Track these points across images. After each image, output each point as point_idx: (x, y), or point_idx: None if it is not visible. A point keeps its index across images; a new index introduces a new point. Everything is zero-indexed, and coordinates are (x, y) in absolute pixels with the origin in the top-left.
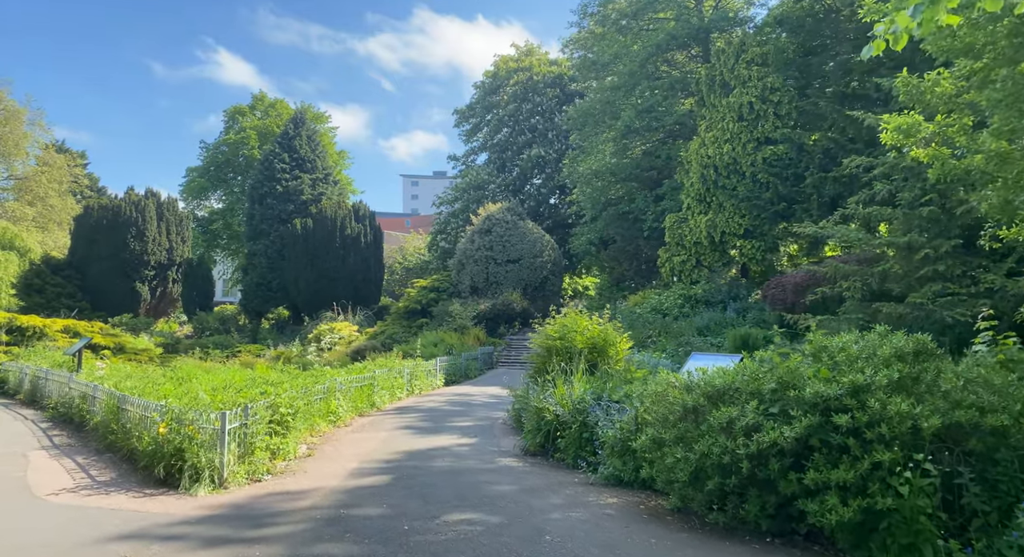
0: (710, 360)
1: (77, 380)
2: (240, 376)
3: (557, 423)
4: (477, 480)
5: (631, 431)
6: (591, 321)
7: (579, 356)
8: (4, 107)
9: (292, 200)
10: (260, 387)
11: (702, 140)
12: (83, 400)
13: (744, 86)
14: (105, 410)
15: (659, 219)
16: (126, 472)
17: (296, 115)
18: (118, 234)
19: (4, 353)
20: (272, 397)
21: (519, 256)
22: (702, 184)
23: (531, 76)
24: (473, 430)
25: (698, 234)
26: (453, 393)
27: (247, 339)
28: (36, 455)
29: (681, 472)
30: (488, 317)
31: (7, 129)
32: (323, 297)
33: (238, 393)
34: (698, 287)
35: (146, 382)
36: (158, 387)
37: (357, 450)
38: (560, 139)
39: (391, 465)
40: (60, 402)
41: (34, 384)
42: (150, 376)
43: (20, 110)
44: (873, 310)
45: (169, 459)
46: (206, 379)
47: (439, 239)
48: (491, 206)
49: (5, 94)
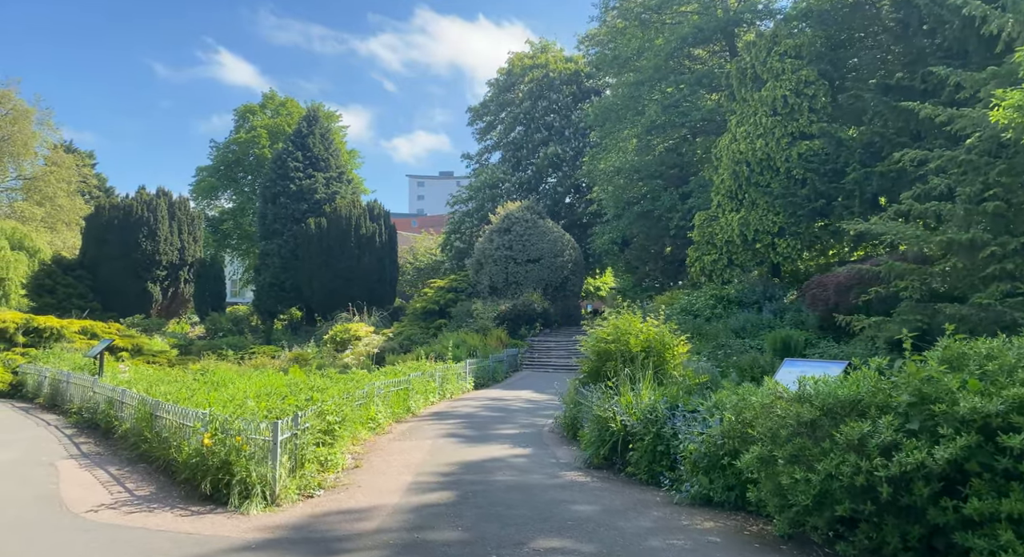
0: (806, 367)
1: (102, 384)
2: (278, 381)
3: (624, 434)
4: (550, 498)
5: (717, 445)
6: (646, 323)
7: (635, 360)
8: (13, 107)
9: (306, 199)
10: (305, 393)
11: (733, 135)
12: (110, 405)
13: (777, 80)
14: (136, 417)
15: (686, 217)
16: (165, 485)
17: (309, 113)
18: (130, 234)
19: (21, 355)
20: (319, 404)
21: (539, 256)
22: (733, 181)
23: (547, 73)
24: (521, 439)
25: (730, 232)
26: (486, 397)
27: (261, 340)
28: (65, 465)
29: (802, 495)
30: (509, 318)
31: (16, 128)
32: (338, 298)
33: (283, 400)
34: (730, 287)
35: (179, 387)
36: (194, 393)
37: (406, 461)
38: (577, 137)
39: (450, 479)
40: (84, 407)
41: (54, 387)
42: (180, 380)
43: (29, 110)
44: (933, 311)
45: (215, 473)
46: (242, 384)
47: (453, 239)
48: (510, 205)
49: (13, 93)
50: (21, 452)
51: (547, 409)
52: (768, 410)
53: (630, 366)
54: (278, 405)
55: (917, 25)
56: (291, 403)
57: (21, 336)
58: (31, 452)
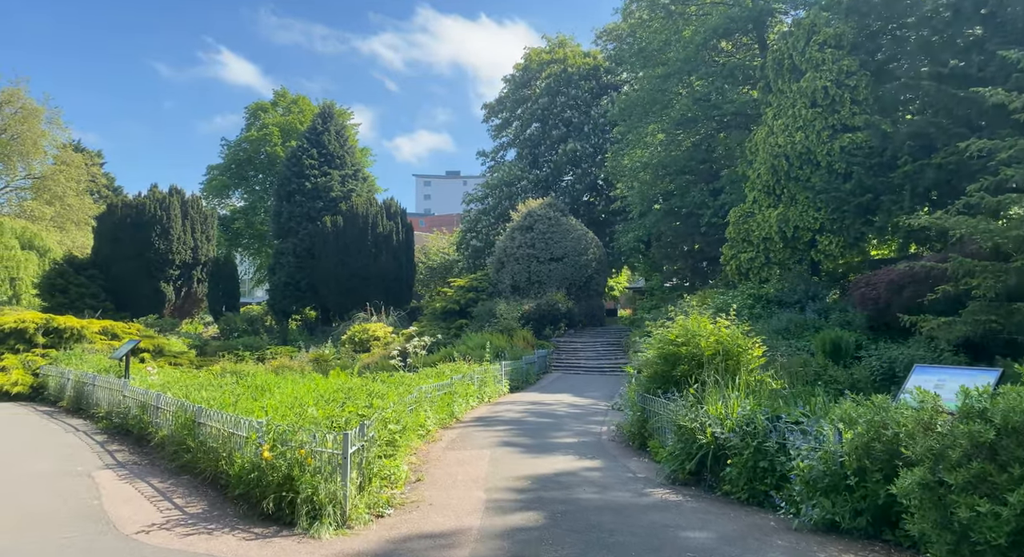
0: (944, 375)
1: (132, 388)
2: (327, 385)
3: (714, 447)
4: (650, 522)
5: (838, 463)
6: (717, 323)
7: (708, 365)
8: (22, 105)
9: (321, 197)
10: (362, 399)
11: (770, 128)
12: (143, 411)
13: (817, 70)
14: (176, 425)
15: (718, 214)
16: (216, 501)
17: (324, 109)
18: (142, 233)
19: (41, 356)
20: (379, 411)
21: (563, 254)
22: (771, 175)
23: (565, 67)
24: (583, 448)
25: (767, 229)
26: (525, 401)
27: (277, 341)
28: (103, 476)
29: (991, 532)
30: (533, 318)
31: (25, 127)
32: (354, 297)
33: (341, 407)
34: (769, 286)
35: (221, 392)
36: (238, 399)
37: (471, 473)
38: (596, 133)
39: (528, 496)
40: (114, 412)
41: (78, 390)
42: (215, 384)
43: (38, 109)
44: (1008, 310)
45: (276, 490)
46: (288, 388)
47: (468, 237)
48: (532, 202)
49: (23, 92)
50: (54, 461)
51: (595, 414)
52: (926, 427)
53: (701, 371)
54: (336, 413)
55: (972, 10)
56: (351, 410)
57: (41, 337)
58: (64, 461)
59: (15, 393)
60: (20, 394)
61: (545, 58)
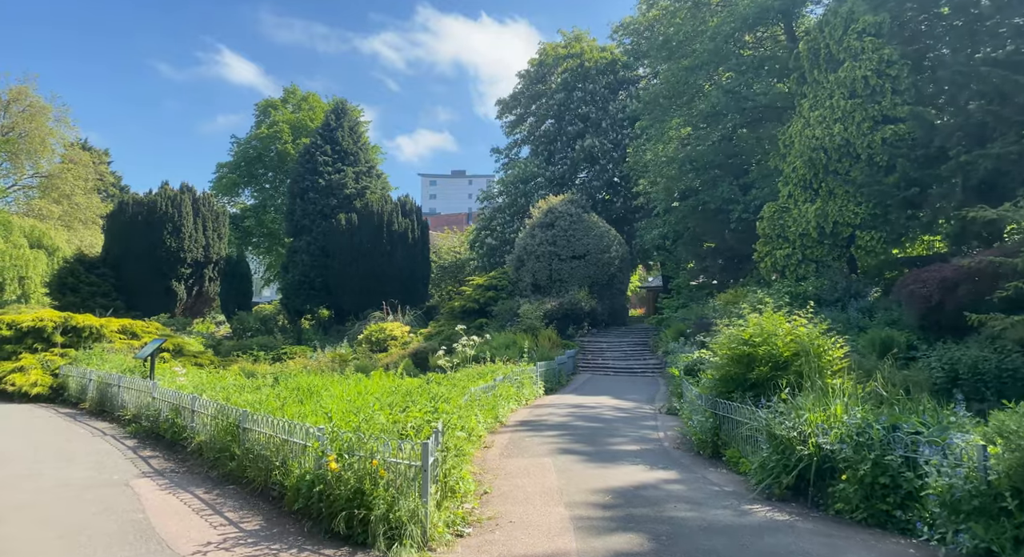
0: None
1: (163, 390)
2: (375, 387)
3: (818, 458)
4: (772, 548)
5: (987, 483)
6: (793, 321)
7: (787, 367)
8: (30, 103)
9: (335, 194)
10: (427, 402)
11: (806, 120)
12: (176, 414)
13: (856, 59)
14: (217, 430)
15: (748, 209)
16: (272, 516)
17: (337, 106)
18: (154, 231)
19: (60, 356)
20: (445, 416)
21: (585, 252)
22: (808, 169)
23: (582, 62)
24: (650, 457)
25: (804, 225)
26: (565, 404)
27: (291, 340)
28: (142, 486)
29: None
30: (556, 317)
31: (33, 126)
32: (369, 296)
33: (404, 412)
34: (807, 284)
35: (265, 395)
36: (284, 402)
37: (541, 485)
38: (615, 128)
39: (617, 514)
40: (142, 415)
41: (102, 392)
42: (249, 385)
43: (45, 107)
44: None
45: (346, 505)
46: (338, 391)
47: (483, 235)
48: (553, 198)
49: (30, 90)
50: (87, 469)
51: (644, 419)
52: None
53: (781, 374)
54: (401, 418)
55: None
56: (417, 416)
57: (59, 336)
58: (98, 469)
59: (34, 394)
60: (40, 395)
61: (561, 53)
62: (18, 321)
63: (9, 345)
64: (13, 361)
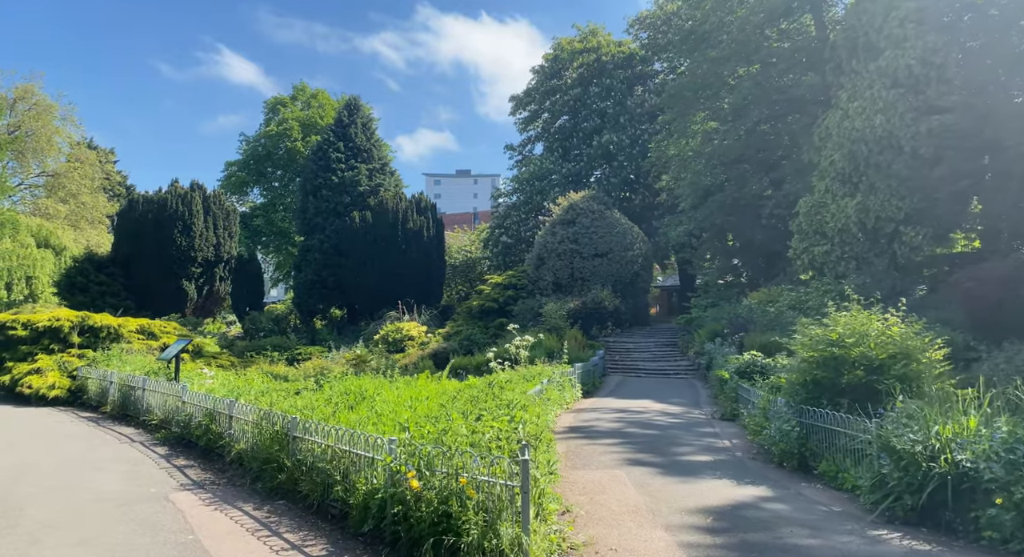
0: None
1: (194, 393)
2: (428, 391)
3: (952, 477)
4: None
5: None
6: (887, 321)
7: (882, 371)
8: (36, 102)
9: (348, 192)
10: (501, 410)
11: (845, 112)
12: (210, 420)
13: (898, 47)
14: (261, 438)
15: (781, 205)
16: (337, 539)
17: (350, 101)
18: (164, 229)
19: (78, 357)
20: (522, 425)
21: (607, 249)
22: (848, 162)
23: (598, 56)
24: (729, 469)
25: (844, 220)
26: (609, 408)
27: (305, 340)
28: (184, 500)
29: None
30: (580, 317)
31: (39, 124)
32: (383, 295)
33: (478, 420)
34: (848, 282)
35: (314, 400)
36: (336, 408)
37: (624, 502)
38: (633, 124)
39: (730, 540)
40: (172, 420)
41: (124, 395)
42: (286, 388)
43: (52, 105)
44: None
45: (431, 530)
46: (390, 396)
47: (498, 233)
48: (574, 195)
49: (36, 88)
50: (120, 480)
51: (700, 425)
52: None
53: (876, 379)
54: (477, 427)
55: None
56: (495, 426)
57: (76, 336)
58: (132, 480)
59: (52, 397)
60: (58, 398)
61: (577, 47)
62: (34, 321)
63: (25, 346)
64: (29, 362)
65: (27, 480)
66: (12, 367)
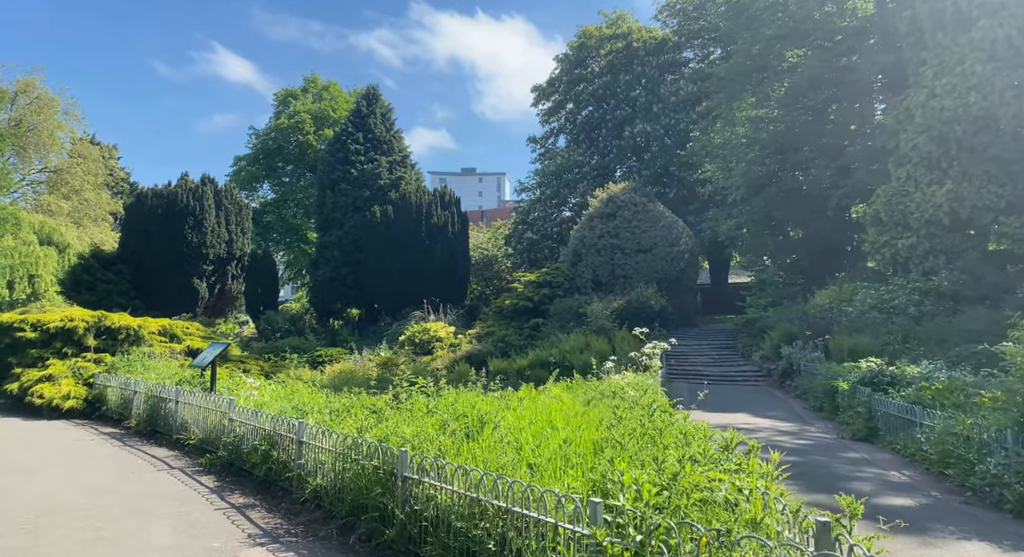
0: None
1: (244, 408)
2: (554, 409)
3: None
4: None
5: None
6: None
7: None
8: (37, 96)
9: (368, 185)
10: (698, 447)
11: (930, 90)
12: (270, 445)
13: (995, 17)
14: (352, 475)
15: (849, 196)
16: None
17: (368, 91)
18: (174, 225)
19: (94, 363)
20: (748, 475)
21: (651, 245)
22: (936, 145)
23: (628, 43)
24: (949, 518)
25: (932, 210)
26: (711, 424)
27: (324, 341)
28: None
29: None
30: (625, 317)
31: (41, 119)
32: (406, 294)
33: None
34: (941, 278)
35: (425, 425)
36: (456, 438)
37: None
38: (667, 113)
39: None
40: (217, 441)
41: (153, 407)
42: (364, 405)
43: (54, 99)
44: None
45: None
46: (511, 418)
47: (521, 229)
48: (613, 187)
49: (38, 81)
50: (172, 527)
51: (836, 448)
52: None
53: None
54: (695, 477)
55: None
56: (715, 475)
57: (91, 338)
58: (186, 527)
59: (67, 408)
60: (73, 410)
61: (606, 33)
62: (44, 321)
63: (35, 349)
64: (40, 368)
65: (55, 526)
66: (20, 374)
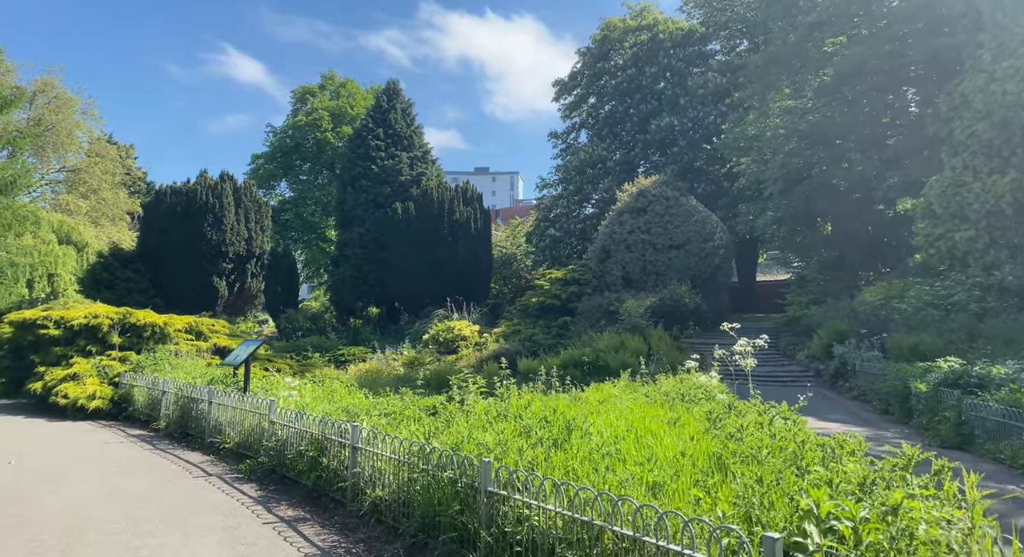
0: None
1: (287, 411)
2: (641, 414)
3: None
4: None
5: None
6: None
7: None
8: (56, 95)
9: (389, 182)
10: (836, 471)
11: (989, 74)
12: (318, 451)
13: None
14: (420, 487)
15: (897, 188)
16: None
17: (389, 86)
18: (193, 222)
19: (120, 361)
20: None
21: (684, 240)
22: (997, 132)
23: (654, 34)
24: None
25: (993, 201)
26: None
27: (346, 340)
28: None
29: None
30: (660, 315)
31: (59, 118)
32: (428, 292)
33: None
34: (1004, 273)
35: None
36: (542, 443)
37: None
38: (695, 106)
39: None
40: (257, 446)
41: (184, 408)
42: (415, 403)
43: (72, 99)
44: None
45: None
46: (607, 422)
47: (543, 226)
48: (643, 181)
49: (56, 81)
50: (219, 545)
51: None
52: None
53: None
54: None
55: None
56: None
57: (116, 336)
58: (234, 543)
59: (92, 408)
60: (99, 410)
61: (631, 25)
62: (68, 318)
63: (58, 347)
64: (64, 367)
65: (84, 545)
66: (44, 372)
